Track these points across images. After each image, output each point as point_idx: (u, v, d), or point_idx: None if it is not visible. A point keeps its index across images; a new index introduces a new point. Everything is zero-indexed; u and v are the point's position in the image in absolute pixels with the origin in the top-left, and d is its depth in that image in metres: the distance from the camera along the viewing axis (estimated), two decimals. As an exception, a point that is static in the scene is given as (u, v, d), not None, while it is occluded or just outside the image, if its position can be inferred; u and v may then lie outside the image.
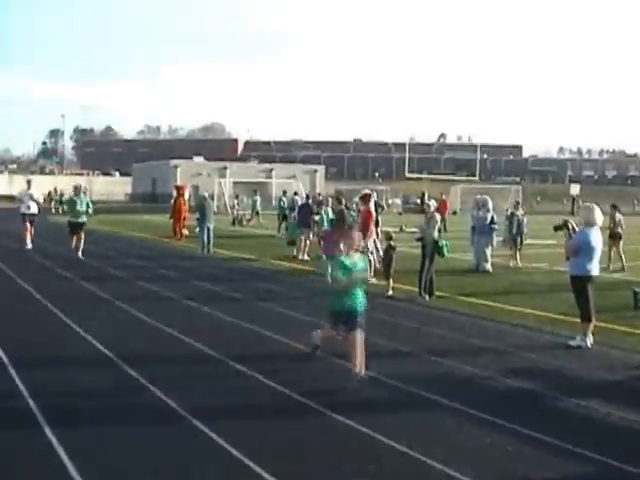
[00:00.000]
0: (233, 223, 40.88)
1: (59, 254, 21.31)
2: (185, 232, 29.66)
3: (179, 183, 67.29)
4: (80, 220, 20.58)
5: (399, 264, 15.55)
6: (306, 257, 21.94)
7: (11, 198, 54.70)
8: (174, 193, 37.17)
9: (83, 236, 20.73)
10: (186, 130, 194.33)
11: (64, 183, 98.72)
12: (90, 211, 21.19)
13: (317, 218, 22.25)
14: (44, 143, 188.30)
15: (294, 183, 62.54)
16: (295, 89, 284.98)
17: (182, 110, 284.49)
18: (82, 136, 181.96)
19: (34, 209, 23.25)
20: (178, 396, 7.22)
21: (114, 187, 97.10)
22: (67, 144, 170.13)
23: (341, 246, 8.54)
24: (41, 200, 26.16)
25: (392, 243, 15.52)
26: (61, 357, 8.93)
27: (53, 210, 53.62)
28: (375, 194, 20.74)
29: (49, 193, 61.62)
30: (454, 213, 58.37)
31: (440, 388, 7.86)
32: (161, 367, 8.56)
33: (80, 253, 20.36)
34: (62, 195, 58.24)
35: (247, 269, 19.43)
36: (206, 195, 25.14)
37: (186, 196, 34.86)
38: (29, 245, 22.89)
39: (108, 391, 7.54)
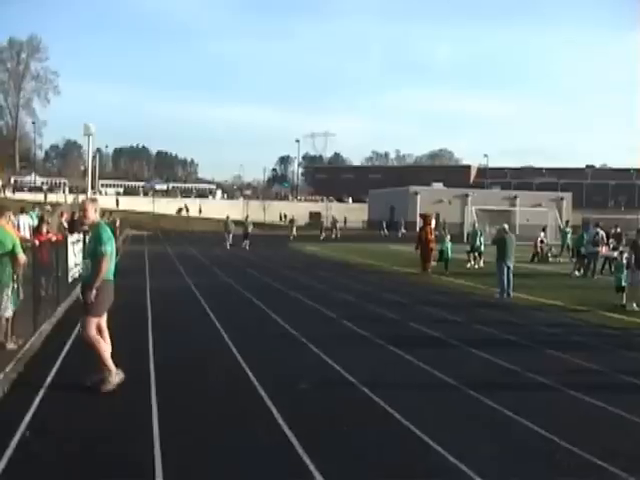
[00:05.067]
0: (533, 259, 34.63)
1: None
2: (433, 263, 27.14)
3: (420, 210, 64.32)
4: None
5: None
6: (635, 307, 16.80)
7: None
8: (419, 222, 33.63)
9: None
10: (414, 157, 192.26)
11: (300, 209, 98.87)
12: None
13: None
14: (274, 170, 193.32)
15: (550, 212, 56.51)
16: (517, 115, 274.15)
17: (407, 137, 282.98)
18: (310, 163, 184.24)
19: None
20: None
21: (347, 213, 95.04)
22: (296, 170, 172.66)
23: None
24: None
25: None
26: None
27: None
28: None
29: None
30: None
31: None
32: None
33: None
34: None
35: (578, 325, 14.50)
36: (506, 227, 20.28)
37: (432, 224, 30.95)
38: None
39: None
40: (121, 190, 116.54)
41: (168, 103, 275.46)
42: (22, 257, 9.66)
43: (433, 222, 29.94)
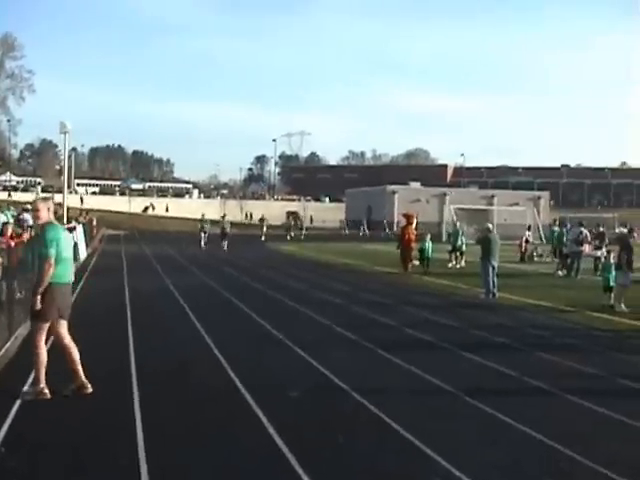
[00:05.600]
0: (522, 258, 34.38)
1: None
2: (416, 263, 26.89)
3: (397, 209, 64.44)
4: None
5: None
6: (623, 308, 16.58)
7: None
8: (397, 221, 33.52)
9: None
10: (390, 156, 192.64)
11: (277, 208, 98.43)
12: None
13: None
14: (250, 169, 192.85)
15: (528, 211, 56.64)
16: (495, 114, 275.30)
17: (383, 136, 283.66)
18: (287, 162, 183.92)
19: None
20: None
21: (325, 213, 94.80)
22: (272, 170, 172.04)
23: None
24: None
25: None
26: None
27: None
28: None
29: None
30: None
31: None
32: None
33: None
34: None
35: (566, 326, 14.26)
36: (490, 226, 20.14)
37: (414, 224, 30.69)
38: None
39: None
40: (97, 189, 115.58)
41: (144, 102, 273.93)
42: (-4, 259, 9.27)
43: (415, 221, 29.74)
